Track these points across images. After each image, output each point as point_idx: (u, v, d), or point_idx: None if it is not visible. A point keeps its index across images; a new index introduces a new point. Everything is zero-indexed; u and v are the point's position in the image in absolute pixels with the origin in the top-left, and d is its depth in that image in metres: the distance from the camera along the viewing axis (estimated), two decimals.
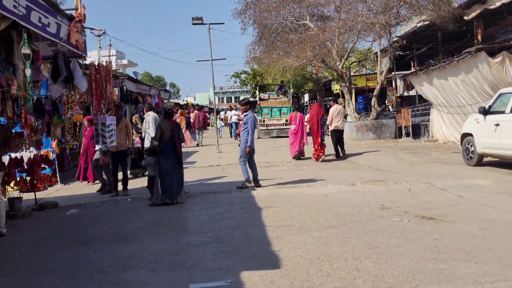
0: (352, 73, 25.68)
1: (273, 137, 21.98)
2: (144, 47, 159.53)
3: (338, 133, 13.23)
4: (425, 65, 17.98)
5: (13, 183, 7.94)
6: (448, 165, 10.67)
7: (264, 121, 22.60)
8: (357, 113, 20.65)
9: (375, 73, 22.77)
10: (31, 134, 7.85)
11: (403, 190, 7.99)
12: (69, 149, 11.73)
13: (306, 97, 39.33)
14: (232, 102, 73.29)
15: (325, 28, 19.11)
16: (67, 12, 7.38)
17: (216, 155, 15.75)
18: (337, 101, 14.95)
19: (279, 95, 24.51)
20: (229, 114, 26.12)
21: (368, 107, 23.36)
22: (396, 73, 22.13)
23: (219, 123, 24.18)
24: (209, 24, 17.78)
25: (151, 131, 9.79)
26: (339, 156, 13.10)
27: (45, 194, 9.57)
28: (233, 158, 12.28)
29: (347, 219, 6.07)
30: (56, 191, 10.09)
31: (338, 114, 13.28)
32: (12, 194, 7.70)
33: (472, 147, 10.29)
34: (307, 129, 13.32)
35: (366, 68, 26.12)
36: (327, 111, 15.27)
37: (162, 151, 7.90)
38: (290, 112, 18.63)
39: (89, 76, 8.66)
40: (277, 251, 4.85)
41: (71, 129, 10.92)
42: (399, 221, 5.86)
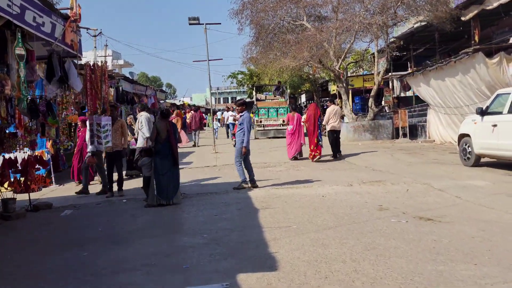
0: (349, 73, 25.69)
1: (270, 138, 21.96)
2: (140, 47, 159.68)
3: (335, 134, 13.24)
4: (422, 66, 17.99)
5: (7, 184, 7.87)
6: (445, 166, 10.65)
7: (261, 122, 22.57)
8: (354, 114, 20.64)
9: (372, 74, 22.77)
10: (25, 134, 7.77)
11: (401, 190, 7.95)
12: (64, 149, 11.63)
13: (303, 98, 39.33)
14: (228, 102, 73.24)
15: (322, 28, 19.09)
16: (62, 11, 7.29)
17: (212, 156, 15.70)
18: (334, 102, 14.93)
19: (276, 96, 24.50)
20: (226, 114, 26.03)
21: (365, 107, 23.37)
22: (393, 73, 22.14)
23: (216, 124, 24.13)
24: (206, 24, 17.77)
25: (145, 131, 9.74)
26: (336, 156, 13.10)
27: (40, 194, 9.48)
28: (230, 158, 12.21)
29: (344, 220, 6.02)
30: (51, 192, 10.01)
31: (335, 114, 13.29)
32: (5, 195, 7.62)
33: (469, 148, 10.28)
34: (304, 130, 13.31)
35: (363, 69, 26.14)
36: (324, 111, 15.25)
37: (158, 151, 7.83)
38: (287, 112, 18.59)
39: (84, 76, 8.57)
40: (274, 253, 4.78)
41: (66, 129, 10.82)
42: (397, 222, 5.82)
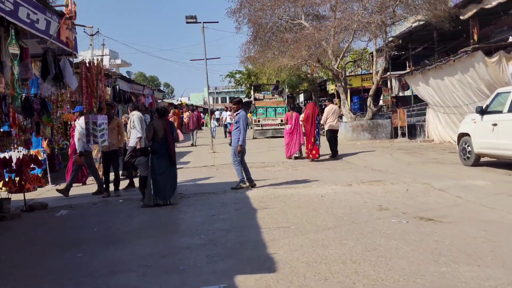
0: (347, 73, 25.62)
1: (268, 137, 21.87)
2: (137, 46, 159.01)
3: (333, 133, 13.17)
4: (420, 65, 17.91)
5: (1, 184, 7.79)
6: (445, 165, 10.58)
7: (259, 121, 22.48)
8: (353, 113, 20.57)
9: (370, 73, 22.71)
10: (20, 133, 7.65)
11: (401, 190, 7.87)
12: (59, 149, 11.50)
13: (301, 97, 39.22)
14: (227, 102, 73.10)
15: (321, 27, 19.02)
16: (57, 8, 7.17)
17: (210, 155, 15.61)
18: (332, 101, 14.87)
19: (274, 95, 24.42)
20: (225, 114, 25.97)
21: (363, 107, 23.31)
22: (391, 73, 22.07)
23: (213, 123, 24.07)
24: (203, 22, 17.62)
25: (138, 129, 9.68)
26: (335, 156, 13.03)
27: (36, 194, 9.38)
28: (227, 158, 12.12)
29: (344, 221, 5.93)
30: (47, 192, 9.89)
31: (333, 113, 13.26)
32: (0, 195, 7.52)
33: (469, 147, 10.21)
34: (302, 129, 13.22)
35: (361, 68, 26.06)
36: (323, 111, 15.18)
37: (155, 151, 7.72)
38: (285, 112, 18.52)
39: (79, 74, 8.45)
40: (272, 254, 4.69)
41: (61, 128, 10.69)
42: (397, 222, 5.73)
